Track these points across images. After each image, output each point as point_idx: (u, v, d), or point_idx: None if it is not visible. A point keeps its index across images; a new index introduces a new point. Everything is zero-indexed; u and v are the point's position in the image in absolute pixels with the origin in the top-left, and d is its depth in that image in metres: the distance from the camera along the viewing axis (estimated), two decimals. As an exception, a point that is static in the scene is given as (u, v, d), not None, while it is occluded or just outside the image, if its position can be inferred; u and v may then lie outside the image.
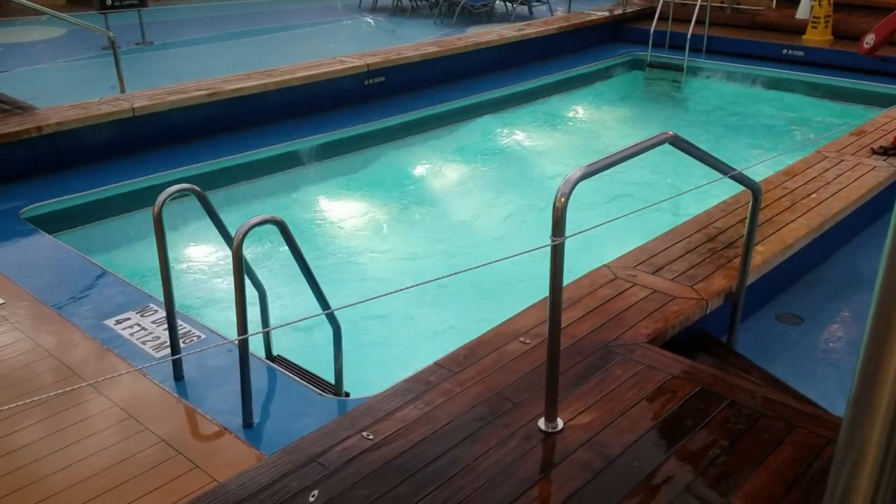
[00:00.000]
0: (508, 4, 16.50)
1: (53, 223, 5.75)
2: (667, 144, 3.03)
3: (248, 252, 3.69)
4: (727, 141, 8.62)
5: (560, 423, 3.00)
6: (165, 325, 3.89)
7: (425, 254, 6.16)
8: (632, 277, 4.17)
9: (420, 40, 10.85)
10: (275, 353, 4.12)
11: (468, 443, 2.90)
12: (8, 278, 4.57)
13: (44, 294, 4.41)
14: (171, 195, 3.39)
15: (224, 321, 4.61)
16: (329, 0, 18.78)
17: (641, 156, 2.92)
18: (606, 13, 11.95)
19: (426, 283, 2.89)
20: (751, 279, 4.09)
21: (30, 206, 5.73)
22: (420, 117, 8.43)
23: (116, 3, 12.04)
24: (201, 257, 5.95)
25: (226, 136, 7.27)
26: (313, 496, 2.62)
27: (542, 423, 3.00)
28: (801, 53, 10.28)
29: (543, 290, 2.78)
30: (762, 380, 3.66)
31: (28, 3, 8.89)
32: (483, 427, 2.99)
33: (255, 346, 3.87)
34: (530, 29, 10.78)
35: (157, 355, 3.79)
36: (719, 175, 3.43)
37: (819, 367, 4.32)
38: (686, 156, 3.19)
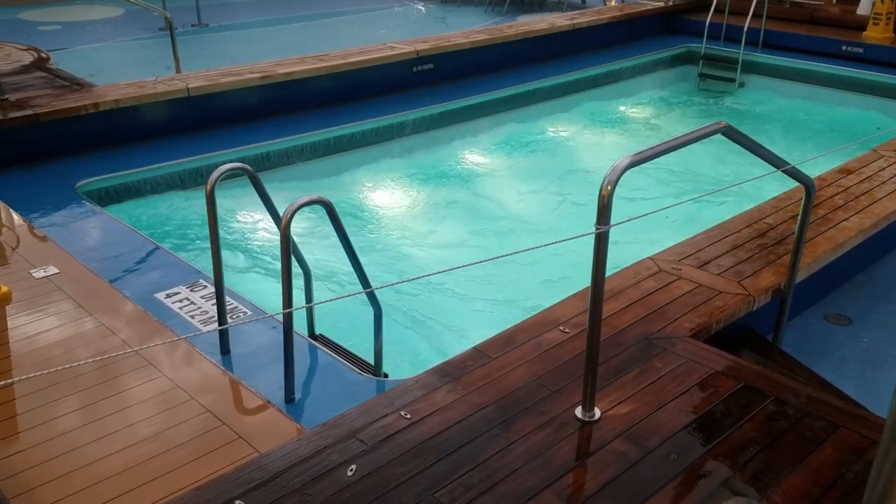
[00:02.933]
0: (561, -7, 16.36)
1: (108, 197, 5.92)
2: (720, 135, 2.99)
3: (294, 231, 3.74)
4: (781, 136, 8.45)
5: (597, 412, 3.00)
6: (214, 301, 3.98)
7: (467, 240, 6.18)
8: (677, 271, 4.13)
9: (470, 28, 10.83)
10: (317, 331, 4.18)
11: (505, 427, 2.92)
12: (63, 249, 4.71)
13: (96, 266, 4.54)
14: (223, 173, 3.46)
15: (269, 298, 4.69)
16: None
17: (695, 148, 2.88)
18: (661, 3, 11.76)
19: (464, 266, 2.90)
20: (800, 277, 4.01)
21: (85, 181, 5.90)
22: (468, 105, 8.42)
23: (174, -15, 12.28)
24: (249, 235, 6.05)
25: (277, 119, 7.36)
26: (351, 470, 2.67)
27: (579, 411, 3.00)
28: (860, 50, 9.99)
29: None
30: (807, 379, 3.60)
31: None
32: (520, 412, 3.01)
33: (299, 325, 3.93)
34: (582, 18, 10.67)
35: (206, 329, 3.89)
36: (770, 169, 3.37)
37: (866, 369, 4.23)
38: (739, 149, 3.15)
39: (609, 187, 2.56)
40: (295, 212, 3.17)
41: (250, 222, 6.16)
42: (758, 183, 4.06)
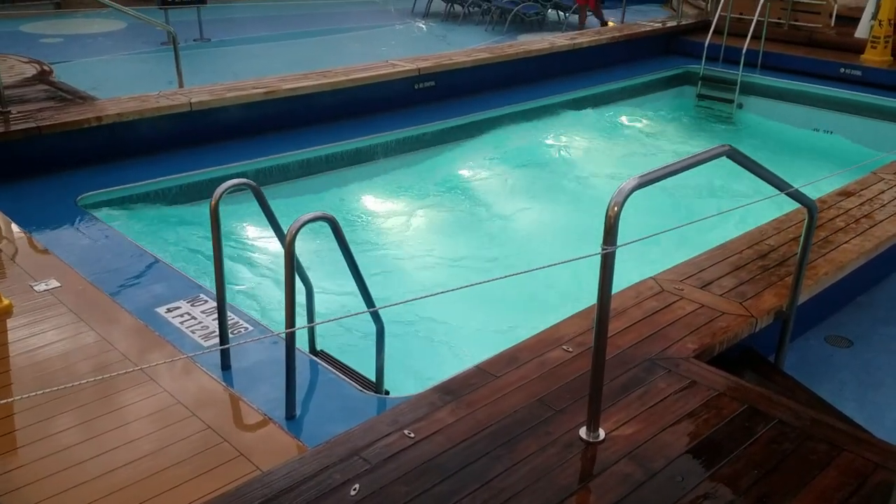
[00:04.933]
0: (561, 13, 16.49)
1: (109, 211, 5.91)
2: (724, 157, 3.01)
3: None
4: (778, 158, 8.47)
5: (602, 433, 2.99)
6: (214, 315, 3.97)
7: (468, 258, 6.18)
8: (679, 291, 4.13)
9: (471, 46, 10.89)
10: (318, 347, 4.17)
11: (508, 447, 2.91)
12: (64, 262, 4.70)
13: (98, 279, 4.53)
14: (228, 189, 3.46)
15: (270, 311, 4.69)
16: (383, 4, 18.98)
17: (698, 169, 2.90)
18: (660, 24, 11.86)
19: (469, 286, 2.90)
20: (802, 299, 4.02)
21: (87, 194, 5.89)
22: (468, 122, 8.45)
23: (177, 0, 12.35)
24: (251, 250, 6.04)
25: (280, 134, 7.38)
26: (355, 490, 2.66)
27: (583, 432, 2.99)
28: (858, 73, 10.06)
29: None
30: (809, 401, 3.60)
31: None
32: (524, 432, 3.00)
33: (300, 341, 3.92)
34: (582, 38, 10.75)
35: (206, 344, 3.87)
36: (773, 191, 3.39)
37: (867, 391, 4.23)
38: (739, 170, 3.17)
39: (616, 208, 2.57)
40: (300, 228, 3.16)
41: (253, 237, 6.15)
42: (756, 204, 4.07)
